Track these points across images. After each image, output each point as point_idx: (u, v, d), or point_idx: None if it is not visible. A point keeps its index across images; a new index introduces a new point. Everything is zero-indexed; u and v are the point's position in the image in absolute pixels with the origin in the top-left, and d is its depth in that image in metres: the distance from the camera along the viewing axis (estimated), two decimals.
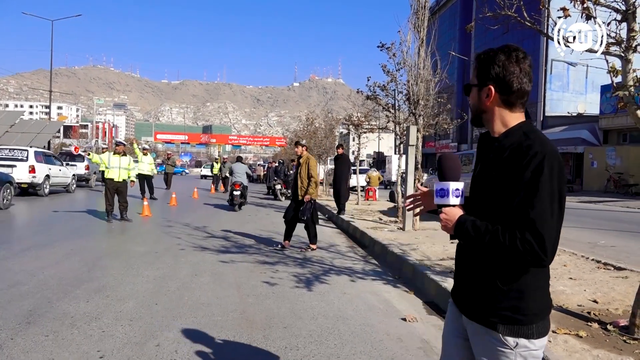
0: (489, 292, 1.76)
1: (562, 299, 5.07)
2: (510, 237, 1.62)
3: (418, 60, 11.16)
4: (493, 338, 1.75)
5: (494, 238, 1.65)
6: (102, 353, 3.64)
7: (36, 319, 4.34)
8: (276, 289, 5.73)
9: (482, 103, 1.85)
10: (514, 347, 1.71)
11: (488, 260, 1.75)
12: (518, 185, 1.64)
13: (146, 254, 7.59)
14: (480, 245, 1.71)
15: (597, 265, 6.80)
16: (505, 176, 1.69)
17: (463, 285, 1.91)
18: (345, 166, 14.70)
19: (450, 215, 1.80)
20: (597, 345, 3.77)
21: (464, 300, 1.89)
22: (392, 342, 4.13)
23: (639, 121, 3.99)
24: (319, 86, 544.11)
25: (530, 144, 1.67)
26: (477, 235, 1.70)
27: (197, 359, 3.63)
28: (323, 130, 26.21)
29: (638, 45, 3.83)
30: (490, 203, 1.75)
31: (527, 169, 1.63)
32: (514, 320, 1.71)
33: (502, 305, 1.73)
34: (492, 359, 1.76)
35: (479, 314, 1.79)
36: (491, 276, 1.75)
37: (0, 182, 12.99)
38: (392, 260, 7.39)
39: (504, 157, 1.73)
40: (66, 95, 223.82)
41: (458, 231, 1.78)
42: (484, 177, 1.82)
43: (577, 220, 14.49)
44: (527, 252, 1.59)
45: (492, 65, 1.79)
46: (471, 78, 1.91)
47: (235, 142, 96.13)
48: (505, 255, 1.65)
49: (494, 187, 1.74)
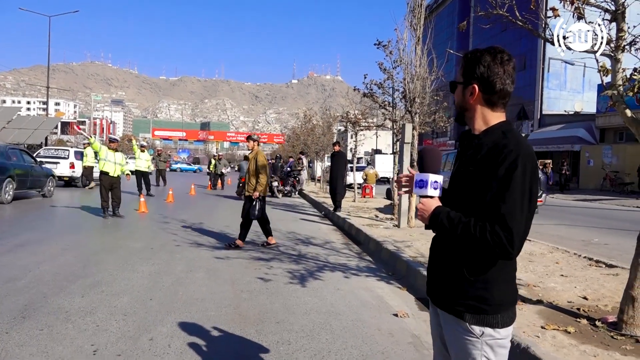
0: (457, 281, 1.83)
1: (553, 296, 5.13)
2: (481, 229, 1.69)
3: (414, 58, 11.20)
4: (461, 327, 1.82)
5: (465, 229, 1.72)
6: (96, 347, 3.68)
7: (31, 313, 4.38)
8: (270, 284, 5.78)
9: (465, 101, 1.91)
10: (479, 335, 1.78)
11: (458, 251, 1.82)
12: (492, 181, 1.71)
13: (142, 249, 7.63)
14: (453, 236, 1.78)
15: (589, 263, 6.86)
16: (481, 172, 1.76)
17: (434, 275, 1.98)
18: (341, 163, 14.75)
19: (427, 205, 1.86)
20: (584, 340, 3.83)
21: (435, 290, 1.96)
22: (383, 337, 4.18)
23: (628, 120, 4.04)
24: (318, 83, 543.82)
25: (506, 143, 1.75)
26: (451, 226, 1.77)
27: (190, 352, 3.67)
28: (321, 127, 26.25)
29: (627, 45, 3.87)
30: (466, 197, 1.82)
31: (501, 165, 1.70)
32: (480, 310, 1.79)
33: (469, 295, 1.80)
34: (461, 347, 1.84)
35: (447, 303, 1.87)
36: (460, 266, 1.82)
37: (46, 175, 15.95)
38: (386, 257, 7.44)
39: (482, 154, 1.80)
40: (64, 91, 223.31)
41: (433, 222, 1.84)
42: (462, 172, 1.88)
43: (572, 218, 14.57)
44: (495, 244, 1.66)
45: (478, 65, 1.85)
46: (457, 76, 1.96)
47: (234, 139, 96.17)
48: (475, 247, 1.72)
49: (470, 182, 1.81)
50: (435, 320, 2.04)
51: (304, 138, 28.11)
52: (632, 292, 4.02)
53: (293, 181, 22.24)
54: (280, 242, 8.80)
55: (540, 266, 6.57)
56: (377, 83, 12.38)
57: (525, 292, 5.22)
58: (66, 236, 8.55)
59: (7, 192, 13.28)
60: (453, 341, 1.88)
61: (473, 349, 1.81)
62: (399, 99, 12.35)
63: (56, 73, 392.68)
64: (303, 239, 9.31)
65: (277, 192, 21.21)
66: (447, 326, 1.91)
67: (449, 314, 1.87)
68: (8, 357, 3.43)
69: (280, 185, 21.49)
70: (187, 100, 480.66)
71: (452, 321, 1.86)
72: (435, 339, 2.07)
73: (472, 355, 1.81)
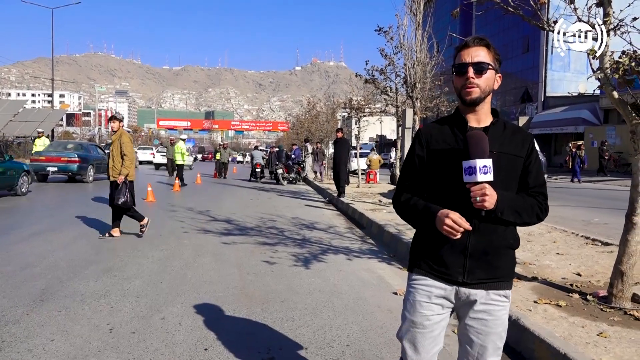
0: (509, 255, 2.03)
1: (547, 273, 5.32)
2: (538, 203, 1.99)
3: (415, 43, 11.31)
4: (501, 297, 2.00)
5: (528, 204, 1.97)
6: (112, 326, 3.92)
7: (49, 297, 4.62)
8: (275, 267, 6.01)
9: (491, 87, 2.00)
10: (509, 297, 2.03)
11: (508, 226, 1.99)
12: (529, 160, 2.00)
13: (151, 236, 7.87)
14: (517, 213, 1.94)
15: (586, 242, 7.04)
16: (515, 154, 1.99)
17: (477, 257, 1.96)
18: (344, 150, 14.91)
19: (491, 192, 1.82)
20: (574, 313, 4.02)
21: (480, 272, 1.97)
22: (382, 313, 4.39)
23: (615, 102, 4.19)
24: (321, 70, 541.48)
25: (520, 128, 2.11)
26: (517, 204, 1.94)
27: (199, 330, 3.90)
28: (325, 114, 26.37)
29: (613, 29, 4.00)
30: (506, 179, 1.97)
31: (533, 147, 2.02)
32: (513, 274, 2.15)
33: (513, 263, 2.08)
34: (496, 316, 1.99)
35: (496, 278, 2.00)
36: (510, 240, 2.01)
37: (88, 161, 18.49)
38: (388, 240, 7.64)
39: (507, 136, 2.00)
40: (68, 83, 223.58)
41: (499, 205, 1.87)
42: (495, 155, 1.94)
43: (575, 199, 14.70)
44: (546, 210, 2.03)
45: (498, 54, 2.02)
46: (489, 60, 1.96)
47: (238, 127, 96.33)
48: (531, 219, 2.00)
49: (506, 164, 1.98)
50: (440, 311, 2.02)
51: (308, 125, 28.25)
52: (621, 266, 4.20)
53: (297, 168, 22.44)
54: (285, 228, 9.02)
55: (537, 245, 6.75)
56: (379, 69, 12.51)
57: (521, 269, 5.41)
58: (78, 224, 8.81)
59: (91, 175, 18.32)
60: (489, 316, 1.97)
61: (505, 314, 2.00)
62: (400, 85, 12.48)
63: (60, 65, 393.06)
64: (307, 224, 9.53)
65: (282, 180, 21.42)
66: (484, 306, 1.97)
67: (492, 290, 1.97)
68: (30, 336, 3.67)
69: (285, 173, 21.69)
70: (191, 89, 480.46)
71: (495, 295, 1.98)
72: (436, 332, 2.02)
73: (502, 319, 1.99)
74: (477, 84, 1.92)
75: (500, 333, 1.98)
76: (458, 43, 2.08)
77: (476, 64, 1.92)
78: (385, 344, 3.68)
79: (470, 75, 1.92)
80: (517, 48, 42.06)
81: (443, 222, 1.84)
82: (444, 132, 2.02)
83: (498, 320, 1.97)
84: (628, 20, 4.03)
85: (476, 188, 1.81)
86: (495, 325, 1.97)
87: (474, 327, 1.98)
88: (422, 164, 2.03)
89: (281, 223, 9.61)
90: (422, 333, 2.00)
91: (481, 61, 1.93)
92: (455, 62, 1.99)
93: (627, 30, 4.01)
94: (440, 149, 1.99)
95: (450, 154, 1.94)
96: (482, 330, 1.97)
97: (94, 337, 3.67)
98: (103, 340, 3.62)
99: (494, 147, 1.89)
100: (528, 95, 40.34)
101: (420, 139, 2.06)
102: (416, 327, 2.01)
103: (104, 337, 3.69)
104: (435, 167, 1.98)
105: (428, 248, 2.01)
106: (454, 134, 1.98)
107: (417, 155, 2.04)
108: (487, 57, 1.95)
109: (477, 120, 1.99)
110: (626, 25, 4.01)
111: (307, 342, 3.70)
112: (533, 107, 39.64)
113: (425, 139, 2.04)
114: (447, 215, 1.84)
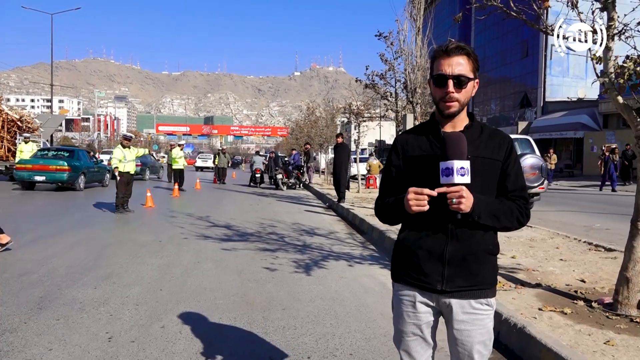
0: (488, 261, 1.98)
1: (551, 279, 5.27)
2: (518, 207, 1.94)
3: (415, 48, 11.30)
4: (483, 305, 1.95)
5: (507, 208, 1.92)
6: (111, 334, 3.85)
7: (47, 304, 4.55)
8: (276, 274, 5.95)
9: (471, 96, 1.97)
10: (493, 306, 1.98)
11: (485, 232, 1.94)
12: (508, 164, 1.96)
13: (150, 243, 7.81)
14: (495, 217, 1.89)
15: (589, 247, 6.99)
16: (492, 158, 1.95)
17: (456, 264, 1.92)
18: (344, 155, 14.88)
19: (467, 193, 1.79)
20: (580, 321, 3.96)
21: (458, 279, 1.93)
22: (385, 320, 4.33)
23: (620, 106, 4.15)
24: (320, 75, 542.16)
25: (497, 131, 2.02)
26: (493, 209, 1.89)
27: (200, 338, 3.84)
28: (324, 119, 26.34)
29: (617, 33, 3.98)
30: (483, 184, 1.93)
31: (511, 150, 1.97)
32: (496, 281, 2.05)
33: (494, 270, 2.02)
34: (479, 325, 1.95)
35: (474, 286, 1.95)
36: (488, 245, 1.97)
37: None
38: (389, 246, 7.58)
39: (483, 140, 1.96)
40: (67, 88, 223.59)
41: (476, 208, 1.82)
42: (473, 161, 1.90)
43: (575, 204, 14.68)
44: (527, 216, 1.97)
45: (478, 61, 1.94)
46: (467, 71, 1.89)
47: (237, 132, 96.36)
48: (510, 224, 1.94)
49: (482, 169, 1.93)
50: (426, 318, 2.00)
51: (307, 130, 28.21)
52: (626, 273, 4.15)
53: (297, 173, 22.39)
54: (286, 233, 8.96)
55: (540, 251, 6.70)
56: (379, 74, 12.47)
57: (524, 276, 5.37)
58: (77, 230, 8.75)
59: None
60: (471, 324, 1.93)
61: (489, 322, 1.95)
62: (400, 90, 12.45)
63: (59, 70, 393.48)
64: (308, 230, 9.47)
65: (282, 185, 21.37)
66: (462, 312, 1.93)
67: (471, 299, 1.92)
68: (28, 345, 3.60)
69: (284, 178, 21.64)
70: (190, 94, 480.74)
71: (475, 303, 1.93)
72: (422, 341, 2.02)
73: (487, 327, 1.95)
74: (456, 98, 1.88)
75: (485, 342, 1.95)
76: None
77: (457, 78, 1.87)
78: (389, 353, 3.61)
79: (450, 90, 1.87)
80: (516, 53, 42.17)
81: (407, 200, 1.83)
82: (419, 139, 2.00)
83: (482, 329, 1.93)
84: (632, 25, 4.00)
85: (453, 190, 1.78)
86: (480, 334, 1.93)
87: (458, 339, 1.95)
88: (399, 172, 2.02)
89: (281, 229, 9.55)
90: (413, 340, 2.01)
91: (461, 75, 1.87)
92: (434, 70, 1.93)
93: (631, 35, 3.98)
94: (415, 155, 1.97)
95: (425, 160, 1.93)
96: (467, 341, 1.94)
97: (92, 347, 3.61)
98: (102, 350, 3.56)
99: (469, 151, 1.84)
100: (527, 100, 40.39)
101: (397, 147, 2.06)
102: (407, 335, 2.02)
103: (102, 346, 3.63)
104: (412, 173, 1.97)
105: (407, 256, 1.99)
106: (429, 141, 1.97)
107: (394, 165, 2.05)
108: (467, 67, 1.89)
109: (453, 127, 1.97)
110: (631, 30, 3.97)
111: (309, 351, 3.64)
112: (532, 112, 39.68)
113: (401, 146, 2.04)
114: (408, 193, 1.84)
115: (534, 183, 11.65)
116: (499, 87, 46.09)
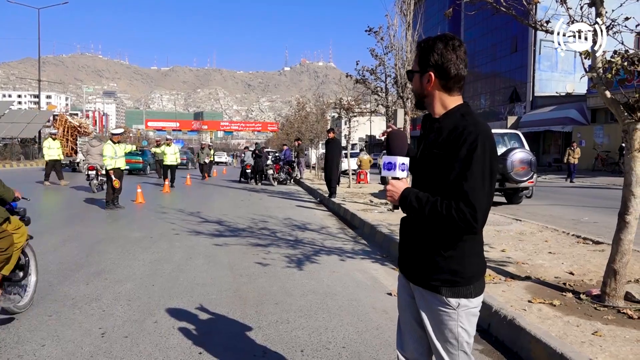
0: (431, 258, 1.95)
1: (540, 272, 5.33)
2: (447, 207, 1.81)
3: (405, 43, 11.32)
4: (438, 301, 1.95)
5: (433, 208, 1.84)
6: (104, 330, 3.86)
7: (39, 301, 4.54)
8: (268, 269, 5.97)
9: (423, 88, 2.03)
10: (456, 307, 1.92)
11: (429, 229, 1.94)
12: (454, 162, 1.83)
13: (142, 239, 7.79)
14: (422, 215, 1.89)
15: (577, 240, 7.08)
16: (444, 153, 1.89)
17: (407, 253, 2.09)
18: (336, 150, 14.87)
19: (396, 187, 1.97)
20: (569, 312, 4.03)
21: (410, 268, 2.08)
22: (377, 314, 4.38)
23: (608, 101, 4.21)
24: (310, 70, 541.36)
25: (466, 125, 1.87)
26: (419, 206, 1.89)
27: (194, 333, 3.86)
28: (314, 114, 26.33)
29: (605, 28, 4.02)
30: (431, 178, 1.95)
31: (462, 146, 1.82)
32: (454, 283, 1.92)
33: (444, 269, 1.93)
34: (438, 321, 1.97)
35: (423, 279, 1.99)
36: (433, 243, 1.95)
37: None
38: (380, 240, 7.63)
39: (443, 137, 1.92)
40: (55, 84, 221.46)
41: (402, 202, 1.96)
42: (426, 155, 2.00)
43: (563, 198, 14.82)
44: (460, 220, 1.78)
45: (432, 53, 1.96)
46: (413, 65, 2.06)
47: (227, 128, 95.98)
48: (443, 224, 1.83)
49: (434, 163, 1.93)
50: (406, 299, 2.14)
51: (297, 126, 28.19)
52: (614, 265, 4.22)
53: (288, 169, 22.38)
54: (277, 229, 8.98)
55: (529, 245, 6.78)
56: (369, 69, 12.49)
57: (514, 269, 5.43)
58: (68, 227, 8.71)
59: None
60: (430, 316, 1.99)
61: (450, 320, 1.95)
62: (391, 85, 12.48)
63: (46, 66, 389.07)
64: (299, 225, 9.49)
65: (273, 180, 21.36)
66: (423, 302, 2.02)
67: (425, 289, 1.99)
68: (21, 342, 3.60)
69: (275, 173, 21.62)
70: (179, 90, 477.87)
71: (429, 296, 1.98)
72: (407, 318, 2.15)
73: (449, 327, 1.95)
74: (412, 89, 2.14)
75: (449, 339, 1.97)
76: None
77: (407, 73, 2.10)
78: (382, 346, 3.66)
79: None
80: (506, 48, 42.33)
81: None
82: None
83: (445, 327, 1.96)
84: (620, 20, 4.05)
85: (391, 183, 1.98)
86: (444, 331, 1.97)
87: (427, 331, 2.02)
88: None
89: (273, 224, 9.57)
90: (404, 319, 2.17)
91: (408, 70, 2.14)
92: None
93: (619, 30, 4.02)
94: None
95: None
96: (430, 336, 2.01)
97: (86, 342, 3.62)
98: (95, 345, 3.57)
99: (425, 145, 2.02)
100: (516, 95, 40.60)
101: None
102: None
103: (96, 341, 3.64)
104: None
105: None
106: (423, 129, 2.13)
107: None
108: (415, 62, 2.05)
109: (432, 115, 2.08)
110: (618, 25, 4.02)
111: (302, 345, 3.67)
112: (521, 106, 39.91)
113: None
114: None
115: (524, 177, 11.79)
116: (489, 82, 46.29)
